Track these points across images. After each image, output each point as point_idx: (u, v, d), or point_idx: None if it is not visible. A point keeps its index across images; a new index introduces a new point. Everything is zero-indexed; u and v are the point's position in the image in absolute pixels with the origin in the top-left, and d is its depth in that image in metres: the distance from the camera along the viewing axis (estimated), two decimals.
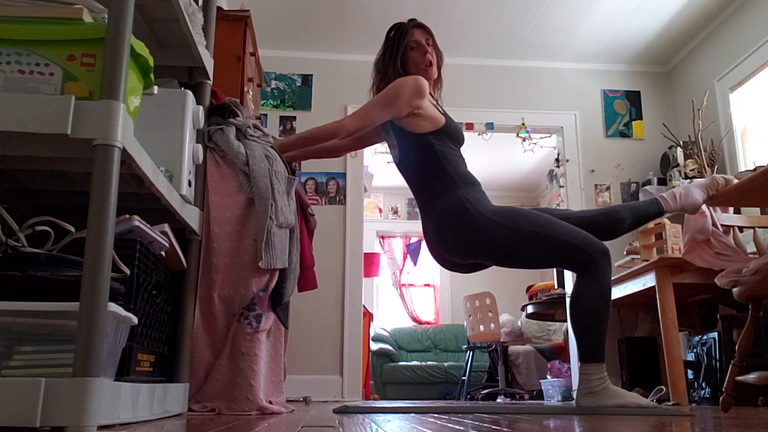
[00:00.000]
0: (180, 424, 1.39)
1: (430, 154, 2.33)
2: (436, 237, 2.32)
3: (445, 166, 2.32)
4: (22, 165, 1.45)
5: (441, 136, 2.36)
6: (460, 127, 2.46)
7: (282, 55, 4.78)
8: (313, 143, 2.38)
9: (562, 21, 4.39)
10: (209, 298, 1.99)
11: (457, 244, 2.27)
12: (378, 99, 2.35)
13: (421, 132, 2.35)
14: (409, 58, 2.44)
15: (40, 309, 1.10)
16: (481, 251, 2.24)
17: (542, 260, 2.26)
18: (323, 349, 4.33)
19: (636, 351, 4.14)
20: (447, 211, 2.27)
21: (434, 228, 2.32)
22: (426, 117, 2.35)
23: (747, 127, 4.03)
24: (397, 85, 2.33)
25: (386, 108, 2.33)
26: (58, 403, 0.99)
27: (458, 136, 2.43)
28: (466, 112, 4.78)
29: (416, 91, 2.32)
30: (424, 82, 2.35)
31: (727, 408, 2.33)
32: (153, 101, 1.76)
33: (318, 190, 4.58)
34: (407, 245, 8.18)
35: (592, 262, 2.19)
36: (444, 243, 2.30)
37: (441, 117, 2.39)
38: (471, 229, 2.22)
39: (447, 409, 2.33)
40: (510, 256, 2.23)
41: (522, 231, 2.19)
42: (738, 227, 2.58)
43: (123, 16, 1.18)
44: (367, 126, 2.36)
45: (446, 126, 2.38)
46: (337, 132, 2.31)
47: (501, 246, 2.21)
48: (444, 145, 2.35)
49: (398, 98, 2.31)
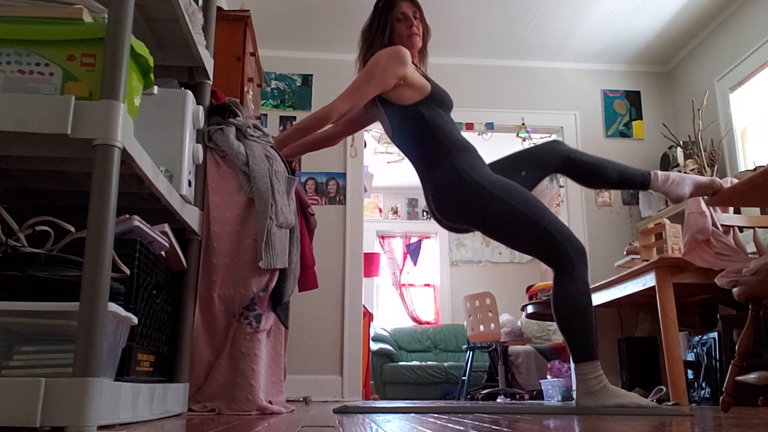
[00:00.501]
0: (180, 424, 1.39)
1: (421, 124, 2.36)
2: (435, 205, 2.36)
3: (438, 135, 2.34)
4: (22, 165, 1.45)
5: (429, 104, 2.38)
6: (447, 92, 2.49)
7: (282, 55, 4.78)
8: (309, 132, 2.39)
9: (562, 21, 4.39)
10: (209, 298, 1.99)
11: (455, 212, 2.30)
12: (363, 75, 2.37)
13: (409, 103, 2.37)
14: (394, 30, 2.47)
15: (40, 309, 1.10)
16: (476, 219, 2.28)
17: (530, 247, 2.28)
18: (323, 349, 4.33)
19: (636, 351, 4.14)
20: (443, 181, 2.30)
21: (433, 197, 2.36)
22: (412, 86, 2.37)
23: (747, 127, 4.03)
24: (379, 56, 2.36)
25: (372, 81, 2.34)
26: (58, 403, 0.99)
27: (446, 100, 2.46)
28: (466, 112, 4.78)
29: (398, 59, 2.34)
30: (405, 50, 2.37)
31: (727, 408, 2.33)
32: (153, 101, 1.76)
33: (318, 190, 4.58)
34: (407, 245, 8.18)
35: (569, 260, 2.21)
36: (442, 211, 2.34)
37: (426, 83, 2.41)
38: (466, 199, 2.25)
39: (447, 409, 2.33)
40: (501, 230, 2.26)
41: (516, 210, 2.21)
42: (738, 227, 2.58)
43: (123, 16, 1.18)
44: (357, 103, 2.36)
45: (433, 92, 2.40)
46: (329, 115, 2.32)
47: (494, 218, 2.24)
48: (433, 112, 2.38)
49: (382, 69, 2.33)
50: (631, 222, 4.72)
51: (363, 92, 2.35)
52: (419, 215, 8.21)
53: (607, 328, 4.52)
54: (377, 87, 2.35)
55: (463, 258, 8.00)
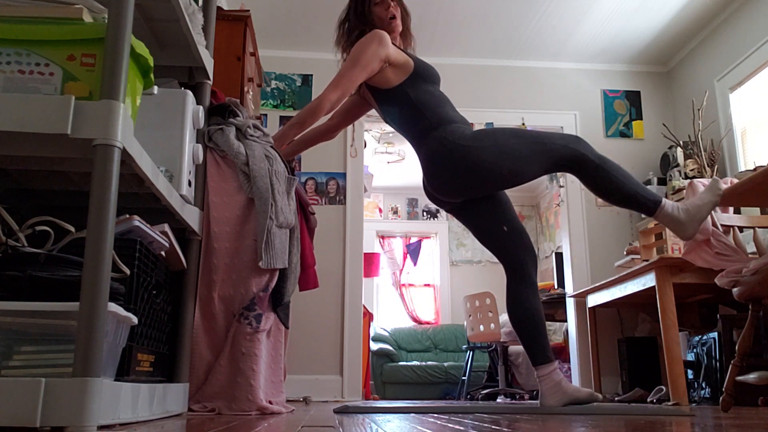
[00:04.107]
0: (180, 424, 1.39)
1: (407, 104, 2.40)
2: (429, 180, 2.38)
3: (424, 112, 2.37)
4: (22, 165, 1.45)
5: (414, 82, 2.41)
6: (432, 66, 2.52)
7: (282, 55, 4.78)
8: (306, 126, 2.40)
9: (562, 21, 4.39)
10: (209, 298, 1.99)
11: (450, 184, 2.32)
12: (348, 62, 2.41)
13: (394, 85, 2.41)
14: (373, 13, 2.50)
15: (40, 309, 1.10)
16: (475, 182, 2.28)
17: (534, 165, 2.27)
18: (323, 349, 4.33)
19: (636, 351, 4.14)
20: (430, 152, 2.33)
21: (425, 174, 2.38)
22: (396, 65, 2.41)
23: (747, 127, 4.03)
24: (360, 43, 2.40)
25: (357, 67, 2.36)
26: (58, 403, 0.99)
27: (432, 75, 2.48)
28: (466, 112, 4.77)
29: (378, 41, 2.38)
30: (382, 32, 2.41)
31: (727, 408, 2.33)
32: (153, 101, 1.76)
33: (318, 190, 4.58)
34: (407, 245, 8.18)
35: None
36: (435, 184, 2.36)
37: (409, 59, 2.45)
38: (456, 163, 2.27)
39: (447, 409, 2.33)
40: (503, 174, 2.26)
41: (504, 144, 2.25)
42: (738, 227, 2.58)
43: (123, 16, 1.18)
44: (347, 91, 2.39)
45: (417, 68, 2.44)
46: (322, 104, 2.34)
47: (491, 167, 2.25)
48: (418, 90, 2.41)
49: (365, 54, 2.36)
50: (631, 222, 4.72)
51: (350, 78, 2.37)
52: (419, 215, 8.21)
53: (607, 328, 4.51)
54: (363, 71, 2.37)
55: (463, 258, 8.00)
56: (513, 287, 2.35)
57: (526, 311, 2.30)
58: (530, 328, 2.29)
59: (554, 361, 2.29)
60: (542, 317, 2.32)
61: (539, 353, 2.28)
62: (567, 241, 4.70)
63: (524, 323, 2.30)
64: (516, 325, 2.33)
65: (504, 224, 2.38)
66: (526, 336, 2.29)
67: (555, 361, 2.29)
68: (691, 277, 3.28)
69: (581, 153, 2.24)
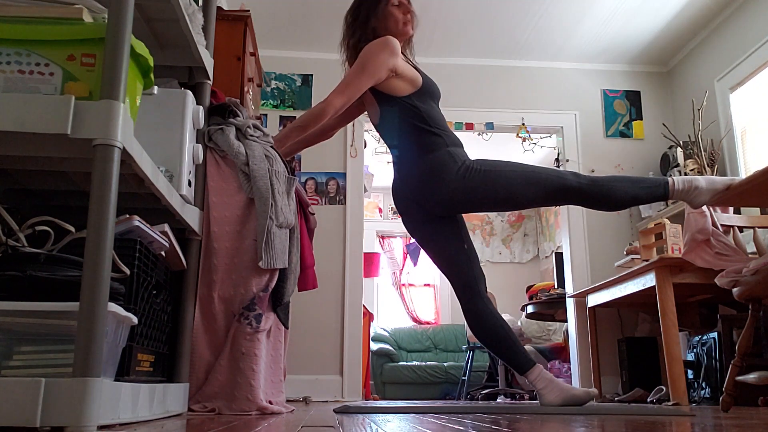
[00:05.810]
0: (180, 424, 1.39)
1: (416, 116, 2.40)
2: (419, 185, 2.37)
3: (434, 127, 2.39)
4: (22, 165, 1.45)
5: (422, 97, 2.42)
6: (435, 82, 2.54)
7: (282, 55, 4.78)
8: (308, 130, 2.40)
9: (562, 21, 4.39)
10: (209, 298, 1.99)
11: (446, 194, 2.33)
12: (355, 68, 2.39)
13: (402, 95, 2.41)
14: (390, 13, 2.47)
15: (40, 309, 1.10)
16: (472, 199, 2.33)
17: (528, 195, 2.31)
18: (323, 349, 4.33)
19: (636, 351, 4.14)
20: (438, 162, 2.34)
21: (419, 179, 2.37)
22: (404, 77, 2.41)
23: (747, 127, 4.03)
24: (370, 49, 2.38)
25: (364, 75, 2.36)
26: (58, 403, 0.99)
27: (436, 91, 2.50)
28: (466, 112, 4.78)
29: (389, 50, 2.36)
30: (393, 40, 2.39)
31: (727, 408, 2.33)
32: (153, 101, 1.76)
33: (318, 190, 4.58)
34: (407, 245, 8.18)
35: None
36: (427, 191, 2.35)
37: (418, 75, 2.45)
38: (465, 181, 2.30)
39: (447, 409, 2.33)
40: (498, 198, 2.32)
41: (513, 171, 2.32)
42: (738, 227, 2.58)
43: (123, 16, 1.18)
44: (352, 97, 2.38)
45: (425, 85, 2.45)
46: (326, 110, 2.33)
47: (489, 191, 2.30)
48: (427, 105, 2.42)
49: (374, 62, 2.35)
50: (631, 222, 4.72)
51: (357, 86, 2.37)
52: None
53: (607, 328, 4.51)
54: (370, 80, 2.37)
55: None
56: (469, 306, 2.39)
57: (493, 326, 2.34)
58: (502, 340, 2.33)
59: (537, 363, 2.35)
60: (507, 325, 2.36)
61: (522, 361, 2.33)
62: (567, 241, 4.70)
63: (495, 338, 2.34)
64: (488, 343, 2.37)
65: (464, 242, 2.45)
66: (503, 349, 2.34)
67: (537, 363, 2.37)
68: (691, 277, 3.28)
69: (569, 182, 2.28)
